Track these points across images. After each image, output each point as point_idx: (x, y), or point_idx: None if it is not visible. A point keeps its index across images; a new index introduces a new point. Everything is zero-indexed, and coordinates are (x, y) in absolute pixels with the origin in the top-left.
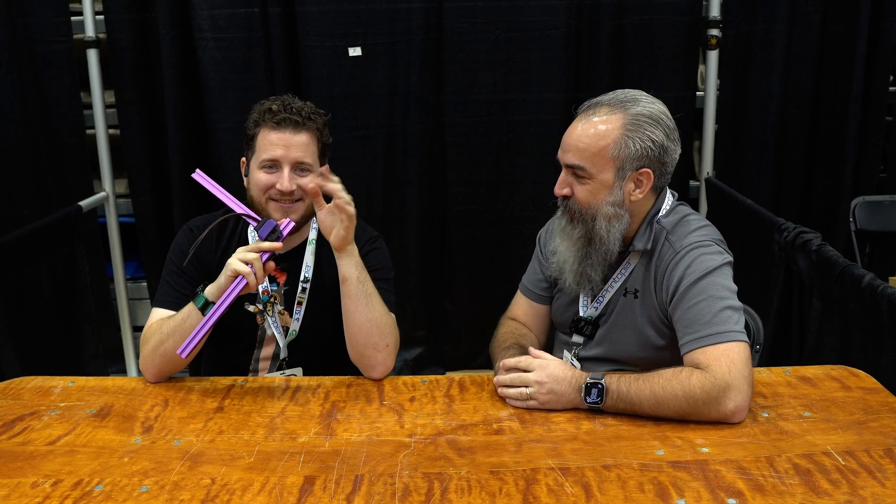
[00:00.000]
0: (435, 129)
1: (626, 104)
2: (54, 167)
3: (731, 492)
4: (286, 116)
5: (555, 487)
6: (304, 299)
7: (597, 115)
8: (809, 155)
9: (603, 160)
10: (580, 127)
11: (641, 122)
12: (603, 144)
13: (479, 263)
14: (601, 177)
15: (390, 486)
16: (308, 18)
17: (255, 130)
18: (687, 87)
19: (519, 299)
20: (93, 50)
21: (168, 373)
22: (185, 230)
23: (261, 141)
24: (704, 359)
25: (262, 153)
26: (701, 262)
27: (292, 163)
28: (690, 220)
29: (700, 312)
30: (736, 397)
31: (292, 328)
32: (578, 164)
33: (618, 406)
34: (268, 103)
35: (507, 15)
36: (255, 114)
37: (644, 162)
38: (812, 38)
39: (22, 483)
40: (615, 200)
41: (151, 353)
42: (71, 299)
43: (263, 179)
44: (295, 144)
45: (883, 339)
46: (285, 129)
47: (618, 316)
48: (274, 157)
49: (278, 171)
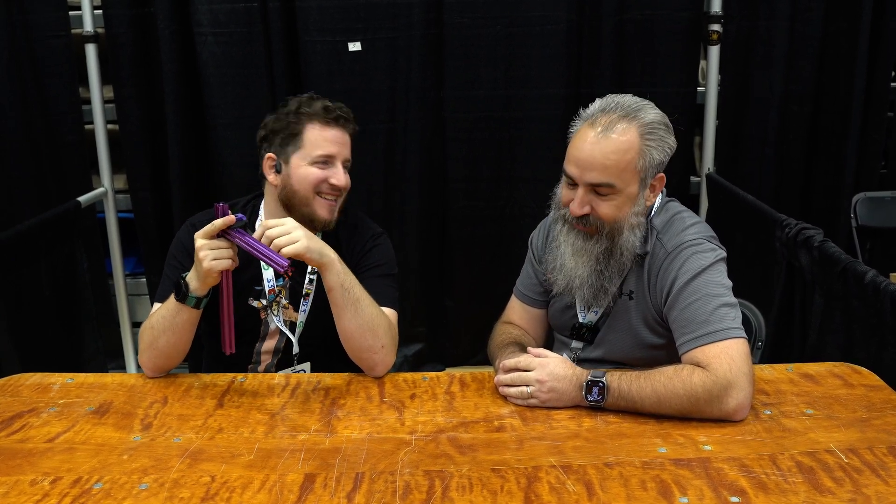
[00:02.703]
0: (435, 124)
1: (637, 113)
2: (53, 163)
3: (734, 490)
4: (340, 115)
5: (557, 485)
6: (312, 291)
7: (613, 130)
8: (810, 151)
9: (629, 174)
10: (600, 143)
11: (656, 129)
12: (629, 158)
13: (479, 260)
14: (628, 190)
15: (391, 483)
16: (308, 13)
17: (300, 127)
18: (688, 83)
19: (514, 304)
20: (91, 45)
21: (165, 368)
22: (188, 226)
23: (312, 137)
24: (704, 358)
25: (317, 149)
26: (693, 262)
27: (344, 160)
28: (681, 217)
29: (696, 312)
30: (738, 395)
31: (299, 320)
32: (606, 182)
33: (619, 404)
34: (312, 101)
35: (507, 10)
36: (299, 110)
37: (660, 168)
38: (813, 35)
39: (21, 481)
40: (639, 210)
41: (147, 349)
42: (70, 296)
43: (317, 174)
44: (345, 142)
45: (885, 335)
46: (338, 128)
47: (614, 318)
48: (331, 154)
49: (331, 167)
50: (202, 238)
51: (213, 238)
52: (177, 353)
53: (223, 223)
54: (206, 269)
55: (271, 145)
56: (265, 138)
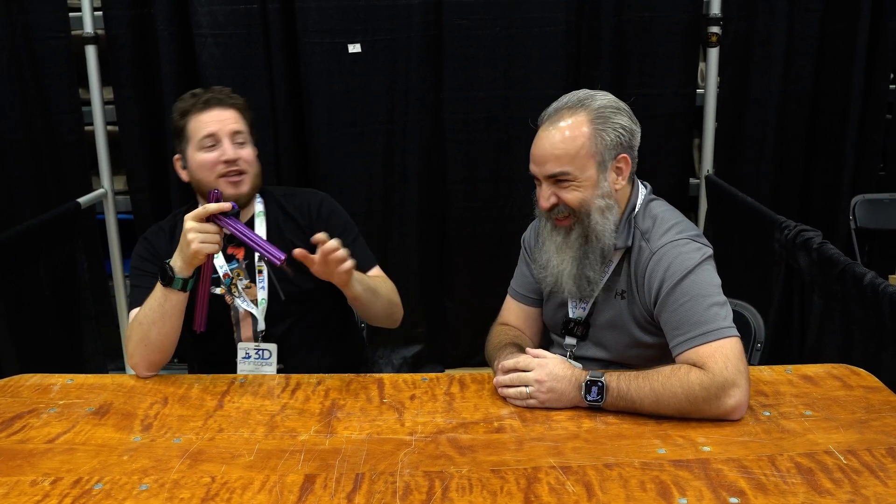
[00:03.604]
0: (434, 125)
1: (585, 101)
2: (53, 164)
3: (733, 491)
4: (211, 96)
5: (556, 486)
6: (264, 267)
7: (561, 120)
8: (809, 153)
9: (583, 159)
10: (549, 136)
11: (606, 113)
12: (579, 144)
13: (478, 261)
14: (586, 175)
15: (391, 484)
16: (307, 15)
17: (183, 121)
18: (687, 85)
19: (509, 304)
20: (91, 46)
21: (158, 363)
22: (142, 240)
23: (192, 126)
24: (698, 359)
25: (199, 133)
26: (680, 263)
27: (229, 133)
28: (663, 217)
29: (687, 313)
30: (736, 394)
31: (261, 297)
32: (561, 171)
33: (618, 404)
34: (186, 97)
35: (506, 11)
36: (179, 108)
37: (619, 150)
38: (812, 36)
39: (21, 481)
40: (604, 192)
41: (137, 345)
42: (70, 297)
43: (207, 158)
44: (226, 118)
45: (884, 337)
46: (214, 108)
47: (607, 317)
48: (210, 132)
49: (218, 146)
50: (192, 220)
51: (203, 222)
52: (169, 345)
53: (217, 208)
54: (193, 251)
55: (174, 147)
56: (171, 143)
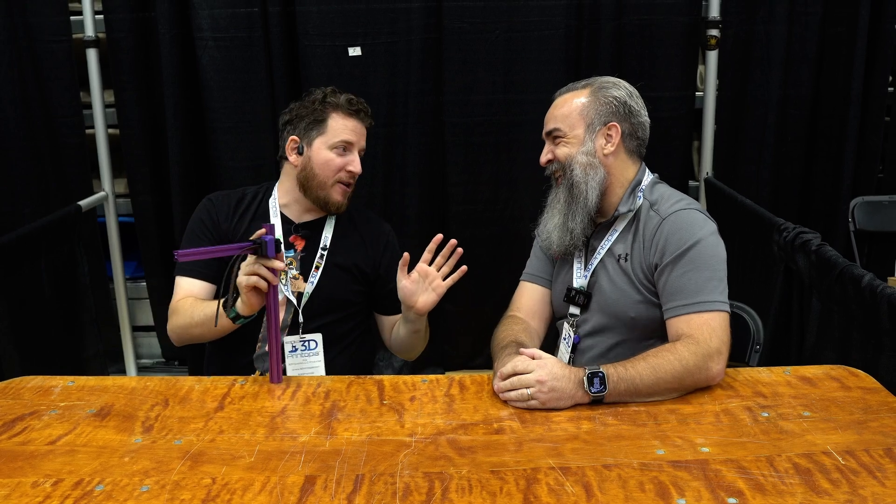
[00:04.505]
0: (435, 128)
1: (594, 81)
2: (54, 167)
3: (732, 491)
4: (361, 108)
5: (555, 487)
6: (322, 265)
7: (569, 91)
8: (808, 155)
9: (573, 119)
10: (554, 103)
11: (605, 86)
12: (573, 106)
13: (479, 263)
14: (574, 133)
15: (391, 485)
16: (308, 18)
17: (325, 114)
18: (686, 88)
19: (522, 288)
20: (92, 49)
21: (190, 344)
22: (206, 201)
23: (335, 124)
24: (687, 327)
25: (339, 135)
26: (690, 230)
27: (361, 149)
28: (671, 191)
29: (688, 281)
30: (719, 361)
31: (307, 291)
32: (554, 127)
33: (619, 388)
34: (336, 93)
35: (506, 15)
36: (329, 101)
37: (610, 118)
38: (811, 39)
39: (22, 483)
40: (588, 150)
41: (177, 328)
42: (71, 299)
43: (337, 160)
44: (363, 133)
45: (882, 339)
46: (358, 119)
47: (607, 281)
48: (350, 141)
49: (349, 155)
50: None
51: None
52: (204, 341)
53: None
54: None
55: (295, 129)
56: (289, 122)
